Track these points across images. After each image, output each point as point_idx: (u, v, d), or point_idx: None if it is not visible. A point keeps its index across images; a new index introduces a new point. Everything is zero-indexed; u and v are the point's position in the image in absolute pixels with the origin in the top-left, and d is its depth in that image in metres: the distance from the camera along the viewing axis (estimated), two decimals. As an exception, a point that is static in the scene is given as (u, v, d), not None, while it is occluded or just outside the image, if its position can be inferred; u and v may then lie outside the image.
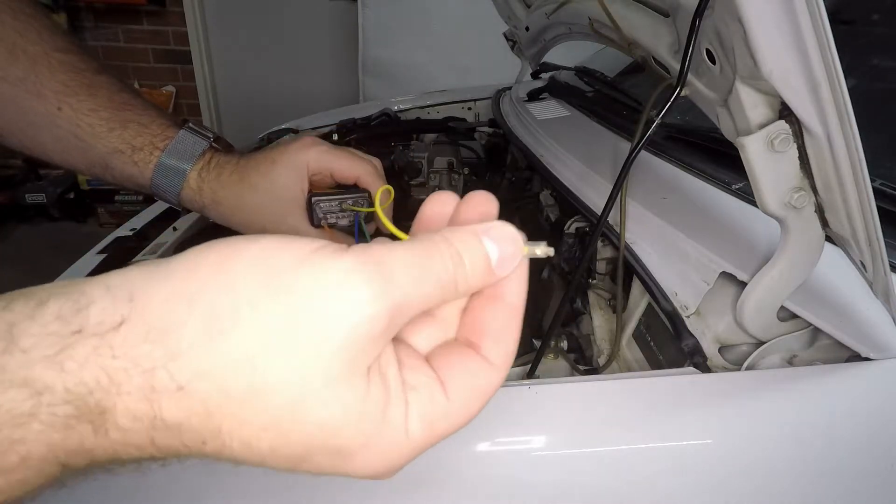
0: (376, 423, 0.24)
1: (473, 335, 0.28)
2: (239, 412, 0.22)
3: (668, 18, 0.60)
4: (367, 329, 0.22)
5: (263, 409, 0.22)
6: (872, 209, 0.42)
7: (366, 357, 0.23)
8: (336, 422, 0.23)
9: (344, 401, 0.23)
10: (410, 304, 0.24)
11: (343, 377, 0.22)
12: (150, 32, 3.25)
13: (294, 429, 0.23)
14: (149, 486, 0.45)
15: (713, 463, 0.48)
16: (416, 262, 0.24)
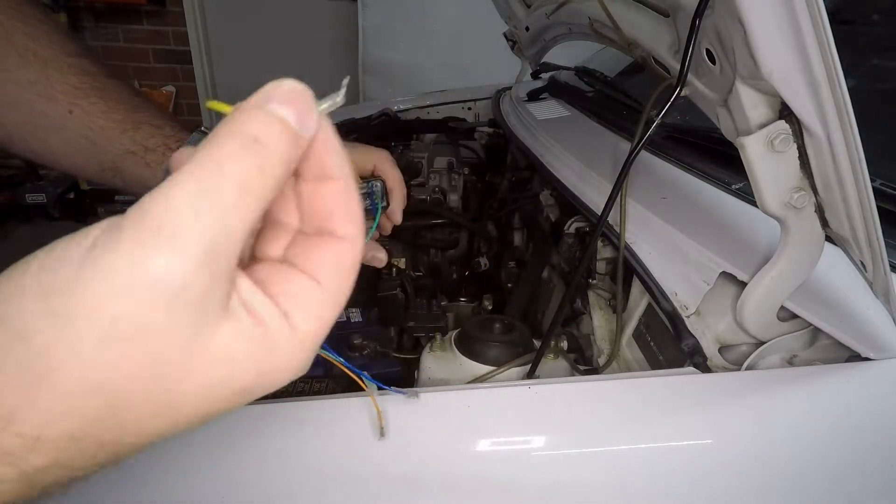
0: (265, 350, 0.23)
1: (321, 222, 0.26)
2: (110, 419, 0.21)
3: (668, 18, 0.60)
4: (186, 298, 0.21)
5: (137, 406, 0.21)
6: (872, 209, 0.42)
7: (208, 316, 0.22)
8: (223, 377, 0.22)
9: (220, 357, 0.22)
10: (223, 241, 0.21)
11: (203, 345, 0.22)
12: (150, 32, 3.25)
13: (185, 404, 0.22)
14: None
15: (713, 463, 0.48)
16: (202, 193, 0.21)
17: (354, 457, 0.47)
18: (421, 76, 2.80)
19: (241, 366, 0.23)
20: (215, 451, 0.48)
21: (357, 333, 0.72)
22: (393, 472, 0.47)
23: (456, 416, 0.49)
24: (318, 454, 0.47)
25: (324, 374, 0.69)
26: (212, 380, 0.22)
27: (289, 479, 0.47)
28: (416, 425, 0.49)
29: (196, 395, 0.22)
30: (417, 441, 0.48)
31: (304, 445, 0.48)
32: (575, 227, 0.81)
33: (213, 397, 0.23)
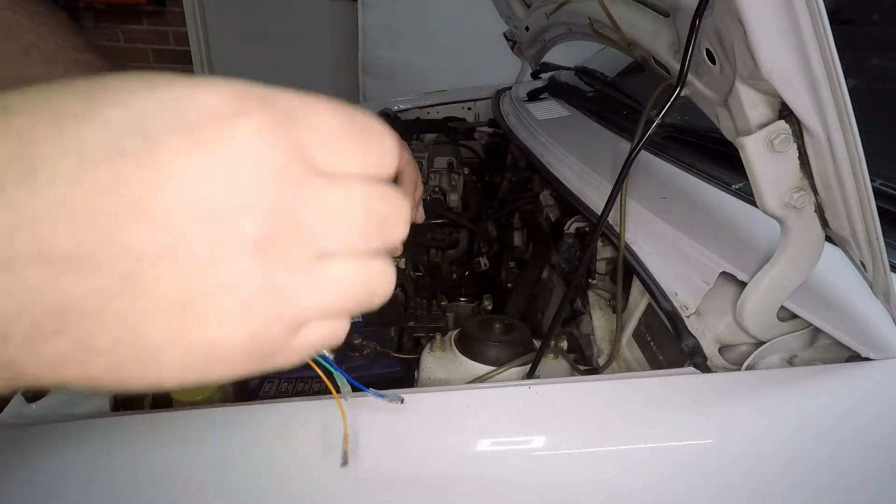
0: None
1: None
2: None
3: (668, 18, 0.60)
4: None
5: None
6: (872, 209, 0.42)
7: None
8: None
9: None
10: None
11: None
12: (150, 32, 3.25)
13: None
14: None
15: (713, 463, 0.48)
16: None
17: (354, 457, 0.47)
18: (421, 76, 2.80)
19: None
20: (215, 452, 0.48)
21: (357, 333, 0.72)
22: (393, 471, 0.47)
23: (456, 416, 0.49)
24: (317, 454, 0.47)
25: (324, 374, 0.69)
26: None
27: (287, 479, 0.47)
28: (416, 425, 0.49)
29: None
30: (417, 441, 0.48)
31: (302, 445, 0.48)
32: (575, 227, 0.81)
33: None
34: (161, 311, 0.20)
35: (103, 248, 0.18)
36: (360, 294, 0.23)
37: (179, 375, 0.21)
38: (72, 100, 0.19)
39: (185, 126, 0.19)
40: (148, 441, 0.48)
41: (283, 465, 0.47)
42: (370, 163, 0.23)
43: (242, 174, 0.20)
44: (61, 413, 0.54)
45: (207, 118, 0.19)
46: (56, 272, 0.18)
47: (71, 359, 0.20)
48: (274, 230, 0.20)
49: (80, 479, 0.46)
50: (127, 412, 0.58)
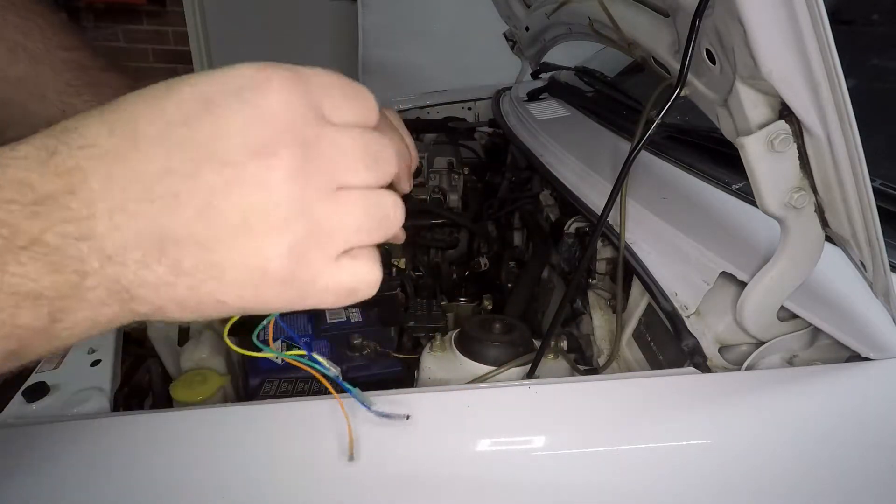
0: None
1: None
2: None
3: (668, 18, 0.60)
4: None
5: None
6: (872, 209, 0.42)
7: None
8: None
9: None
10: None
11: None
12: (150, 32, 3.25)
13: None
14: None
15: (713, 463, 0.48)
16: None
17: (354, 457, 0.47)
18: (421, 76, 2.79)
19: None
20: (215, 452, 0.48)
21: (357, 333, 0.72)
22: (393, 471, 0.47)
23: (456, 416, 0.49)
24: (318, 454, 0.47)
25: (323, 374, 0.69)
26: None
27: (287, 479, 0.47)
28: (416, 425, 0.49)
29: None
30: (417, 441, 0.48)
31: (303, 445, 0.48)
32: (575, 227, 0.81)
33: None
34: (225, 235, 0.26)
35: (186, 185, 0.25)
36: (377, 218, 0.29)
37: (239, 294, 0.27)
38: (160, 88, 0.26)
39: (232, 90, 0.26)
40: (148, 441, 0.48)
41: (282, 465, 0.47)
42: (359, 113, 0.29)
43: (277, 118, 0.26)
44: (61, 413, 0.54)
45: (247, 81, 0.27)
46: (156, 209, 0.25)
47: (166, 280, 0.26)
48: (304, 159, 0.26)
49: (80, 479, 0.46)
50: (127, 412, 0.58)
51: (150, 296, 0.26)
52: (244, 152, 0.25)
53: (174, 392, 0.64)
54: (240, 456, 0.47)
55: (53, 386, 0.57)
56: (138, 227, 0.25)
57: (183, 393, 0.63)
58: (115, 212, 0.24)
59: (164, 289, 0.26)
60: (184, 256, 0.25)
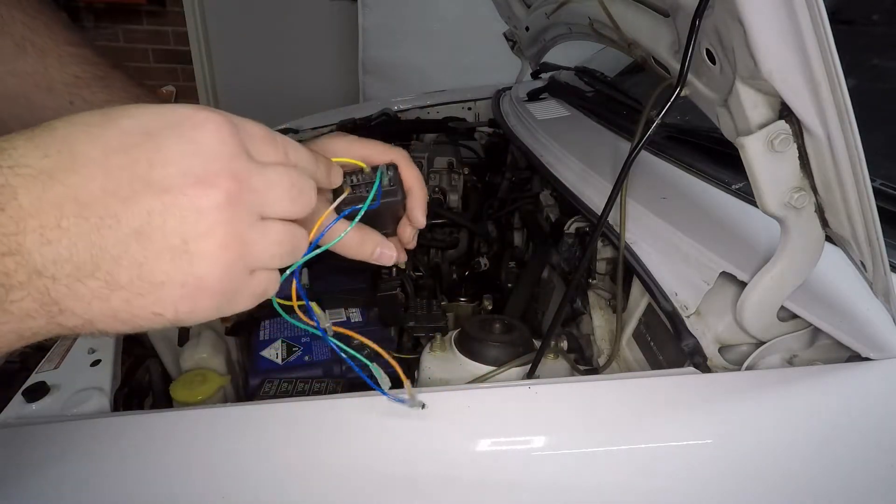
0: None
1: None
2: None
3: (668, 18, 0.60)
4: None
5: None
6: (872, 209, 0.42)
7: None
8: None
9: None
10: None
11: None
12: (150, 32, 3.25)
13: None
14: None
15: (713, 463, 0.48)
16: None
17: (354, 457, 0.47)
18: (421, 76, 2.79)
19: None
20: (215, 452, 0.48)
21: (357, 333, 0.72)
22: (393, 471, 0.47)
23: (456, 416, 0.49)
24: (317, 454, 0.47)
25: (323, 374, 0.69)
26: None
27: (287, 479, 0.47)
28: (416, 425, 0.49)
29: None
30: (417, 441, 0.48)
31: (303, 445, 0.48)
32: (575, 227, 0.81)
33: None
34: (164, 254, 0.28)
35: (124, 207, 0.27)
36: (291, 247, 0.33)
37: (175, 307, 0.29)
38: (95, 116, 0.28)
39: (171, 125, 0.29)
40: (148, 441, 0.48)
41: (282, 464, 0.47)
42: (281, 154, 0.33)
43: (213, 152, 0.29)
44: (61, 413, 0.54)
45: (185, 119, 0.29)
46: (91, 227, 0.26)
47: (99, 294, 0.27)
48: (238, 190, 0.29)
49: (80, 479, 0.46)
50: (127, 412, 0.58)
51: (80, 309, 0.27)
52: (182, 181, 0.28)
53: (174, 392, 0.64)
54: (240, 456, 0.47)
55: (53, 386, 0.57)
56: (71, 243, 0.26)
57: (183, 393, 0.63)
58: (46, 228, 0.25)
59: (96, 302, 0.27)
60: (120, 272, 0.27)
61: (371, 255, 0.43)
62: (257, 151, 0.32)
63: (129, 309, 0.28)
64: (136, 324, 0.29)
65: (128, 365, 0.67)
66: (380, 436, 0.48)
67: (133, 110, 0.28)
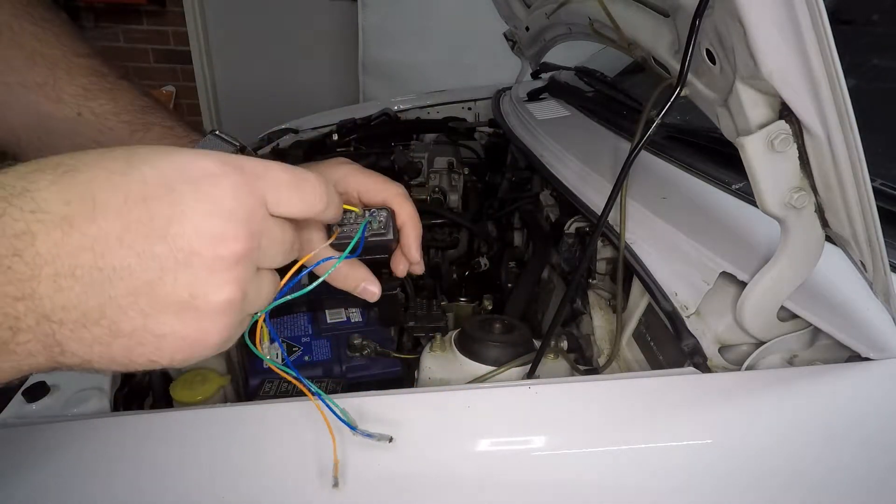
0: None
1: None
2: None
3: (668, 18, 0.60)
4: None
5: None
6: (872, 209, 0.42)
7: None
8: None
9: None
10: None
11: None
12: (150, 32, 3.25)
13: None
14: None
15: (713, 463, 0.48)
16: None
17: (354, 456, 0.47)
18: (421, 76, 2.79)
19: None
20: (215, 452, 0.48)
21: (357, 333, 0.72)
22: (393, 471, 0.47)
23: (456, 416, 0.49)
24: (317, 454, 0.47)
25: (323, 374, 0.69)
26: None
27: (287, 479, 0.47)
28: (417, 425, 0.49)
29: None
30: (417, 441, 0.48)
31: (302, 445, 0.48)
32: (575, 227, 0.81)
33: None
34: (171, 307, 0.28)
35: (139, 261, 0.27)
36: (272, 294, 0.35)
37: (171, 356, 0.30)
38: (118, 162, 0.28)
39: (191, 179, 0.29)
40: (148, 441, 0.48)
41: (283, 464, 0.47)
42: (306, 201, 0.33)
43: (231, 213, 0.29)
44: (61, 413, 0.54)
45: (206, 174, 0.29)
46: (104, 277, 0.27)
47: (102, 340, 0.28)
48: (248, 250, 0.30)
49: (80, 479, 0.46)
50: (127, 412, 0.58)
51: (81, 351, 0.28)
52: (198, 240, 0.28)
53: (174, 392, 0.64)
54: (240, 456, 0.47)
55: (53, 386, 0.57)
56: (82, 291, 0.26)
57: (183, 393, 0.63)
58: (60, 276, 0.26)
59: (97, 346, 0.28)
60: (124, 321, 0.28)
61: (355, 290, 0.45)
62: (277, 201, 0.32)
63: (127, 355, 0.29)
64: (132, 367, 0.30)
65: (128, 365, 0.67)
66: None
67: (155, 159, 0.28)
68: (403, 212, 0.46)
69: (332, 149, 1.28)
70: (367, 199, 0.46)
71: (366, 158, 1.17)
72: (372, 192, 0.45)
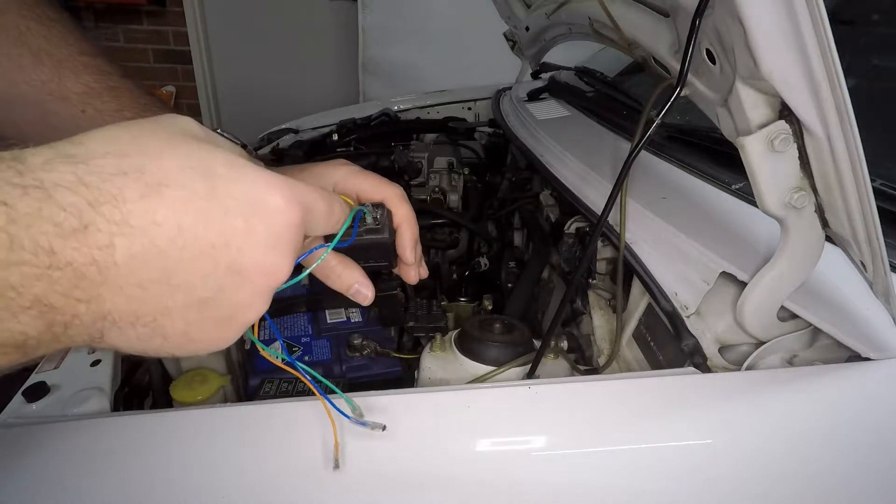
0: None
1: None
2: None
3: (668, 18, 0.60)
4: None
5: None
6: (872, 209, 0.42)
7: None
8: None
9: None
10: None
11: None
12: (150, 32, 3.25)
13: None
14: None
15: (713, 463, 0.48)
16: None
17: (354, 457, 0.47)
18: (421, 76, 2.80)
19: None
20: (215, 452, 0.48)
21: (357, 333, 0.72)
22: (393, 472, 0.47)
23: (456, 416, 0.49)
24: (317, 454, 0.47)
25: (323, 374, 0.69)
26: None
27: (287, 479, 0.47)
28: (417, 425, 0.49)
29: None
30: (417, 441, 0.48)
31: (304, 445, 0.48)
32: (575, 227, 0.81)
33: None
34: (214, 321, 0.31)
35: (202, 281, 0.29)
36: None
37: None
38: (201, 184, 0.29)
39: (264, 216, 0.31)
40: (148, 441, 0.48)
41: (283, 464, 0.47)
42: (330, 225, 0.38)
43: (285, 245, 0.32)
44: (61, 413, 0.54)
45: (275, 212, 0.31)
46: (168, 291, 0.29)
47: (142, 337, 0.29)
48: (284, 274, 0.33)
49: (80, 479, 0.46)
50: (127, 412, 0.58)
51: (119, 342, 0.29)
52: (256, 269, 0.31)
53: (174, 392, 0.64)
54: (240, 456, 0.47)
55: (53, 386, 0.57)
56: (145, 301, 0.28)
57: (183, 393, 0.63)
58: (128, 286, 0.27)
59: (135, 341, 0.30)
60: (168, 326, 0.30)
61: (348, 290, 0.45)
62: (312, 227, 0.35)
63: (156, 349, 0.31)
64: (151, 355, 0.32)
65: (128, 365, 0.67)
66: (380, 435, 0.48)
67: (235, 188, 0.30)
68: (400, 212, 0.46)
69: (332, 149, 1.28)
70: (365, 200, 0.46)
71: (366, 158, 1.17)
72: (370, 193, 0.46)
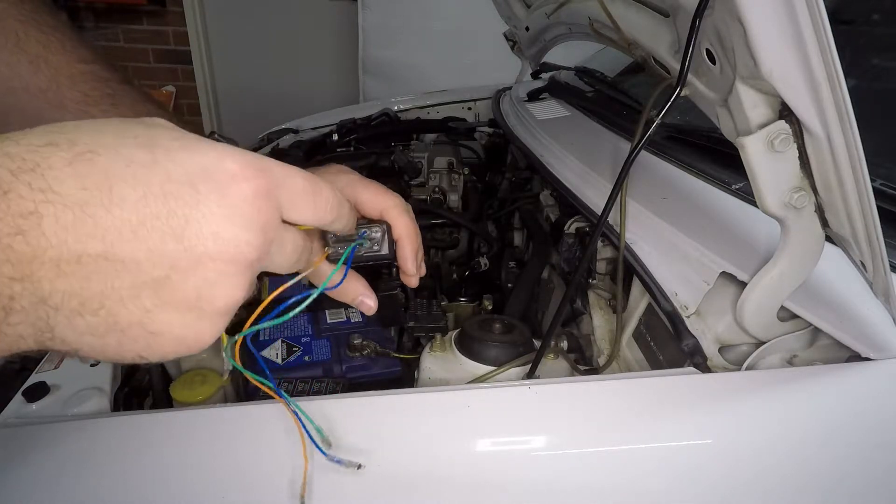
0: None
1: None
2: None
3: (668, 18, 0.60)
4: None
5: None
6: (872, 209, 0.42)
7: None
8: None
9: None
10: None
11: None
12: (150, 32, 3.25)
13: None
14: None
15: (713, 463, 0.48)
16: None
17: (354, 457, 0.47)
18: (421, 76, 2.79)
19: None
20: (215, 452, 0.48)
21: (357, 333, 0.72)
22: (393, 471, 0.47)
23: (456, 416, 0.49)
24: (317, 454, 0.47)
25: (323, 374, 0.69)
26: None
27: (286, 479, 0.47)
28: (416, 425, 0.49)
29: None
30: (417, 441, 0.48)
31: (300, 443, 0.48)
32: (575, 227, 0.81)
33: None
34: (174, 306, 0.28)
35: (149, 256, 0.26)
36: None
37: (161, 354, 0.29)
38: (141, 152, 0.27)
39: (215, 181, 0.28)
40: (148, 441, 0.48)
41: (283, 464, 0.47)
42: (318, 211, 0.34)
43: (249, 219, 0.29)
44: (61, 413, 0.54)
45: (230, 178, 0.28)
46: (111, 268, 0.26)
47: (95, 330, 0.27)
48: (257, 259, 0.30)
49: (80, 479, 0.46)
50: (127, 412, 0.58)
51: (71, 338, 0.27)
52: (214, 243, 0.28)
53: (174, 392, 0.64)
54: (239, 456, 0.47)
55: (53, 386, 0.57)
56: (85, 279, 0.25)
57: (183, 393, 0.63)
58: (64, 261, 0.25)
59: (89, 337, 0.27)
60: (122, 314, 0.27)
61: (352, 302, 0.45)
62: (292, 208, 0.32)
63: (118, 349, 0.28)
64: (118, 360, 0.29)
65: (128, 365, 0.67)
66: (380, 436, 0.48)
67: (180, 155, 0.28)
68: (400, 224, 0.45)
69: (332, 149, 1.28)
70: (364, 210, 0.45)
71: (366, 158, 1.16)
72: (370, 202, 0.44)
